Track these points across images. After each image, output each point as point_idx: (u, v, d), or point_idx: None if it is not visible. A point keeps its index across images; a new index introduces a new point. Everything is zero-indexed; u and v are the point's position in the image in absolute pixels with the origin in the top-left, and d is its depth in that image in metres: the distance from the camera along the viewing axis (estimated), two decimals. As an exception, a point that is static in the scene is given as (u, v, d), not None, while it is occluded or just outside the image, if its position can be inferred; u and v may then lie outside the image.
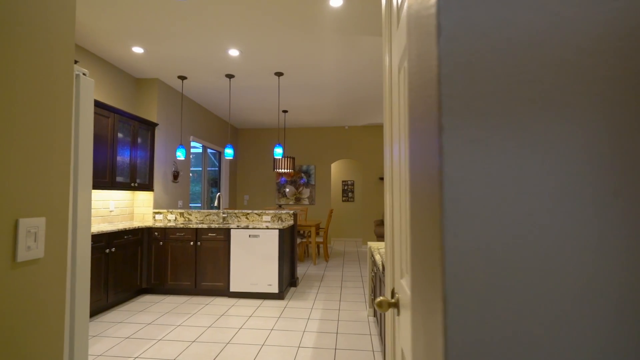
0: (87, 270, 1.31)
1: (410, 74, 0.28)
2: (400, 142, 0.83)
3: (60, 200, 0.99)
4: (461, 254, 0.19)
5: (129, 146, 4.24)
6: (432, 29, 0.21)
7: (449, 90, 0.19)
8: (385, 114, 1.10)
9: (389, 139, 1.02)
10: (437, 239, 0.19)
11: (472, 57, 0.19)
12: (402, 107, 0.80)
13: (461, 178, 0.18)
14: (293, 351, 2.56)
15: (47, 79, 0.92)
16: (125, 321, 3.22)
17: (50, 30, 0.93)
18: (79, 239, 1.28)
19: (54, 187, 0.95)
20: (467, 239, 0.19)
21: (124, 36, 3.58)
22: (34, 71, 0.88)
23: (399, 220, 0.89)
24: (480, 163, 0.19)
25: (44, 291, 0.92)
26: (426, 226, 0.22)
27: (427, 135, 0.22)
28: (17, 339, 0.83)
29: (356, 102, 6.06)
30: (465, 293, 0.19)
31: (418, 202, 0.25)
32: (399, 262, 0.89)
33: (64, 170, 1.01)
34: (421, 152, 0.24)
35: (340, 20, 3.22)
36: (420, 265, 0.25)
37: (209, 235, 4.09)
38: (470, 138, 0.19)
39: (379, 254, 2.75)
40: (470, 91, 0.19)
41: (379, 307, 0.89)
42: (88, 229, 1.32)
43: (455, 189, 0.18)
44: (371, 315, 3.33)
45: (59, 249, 0.98)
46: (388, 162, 1.02)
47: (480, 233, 0.19)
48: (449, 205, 0.18)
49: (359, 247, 7.97)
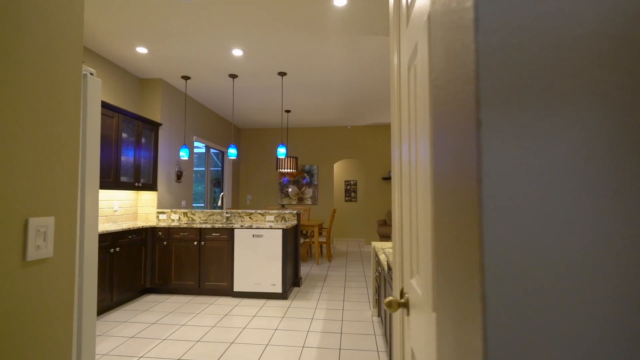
0: (94, 269, 1.31)
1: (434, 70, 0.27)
2: (411, 140, 0.83)
3: (69, 199, 0.99)
4: (501, 253, 0.18)
5: (133, 146, 4.25)
6: (469, 23, 0.20)
7: (487, 85, 0.19)
8: (394, 113, 1.10)
9: (397, 138, 1.01)
10: (473, 238, 0.19)
11: (511, 50, 0.18)
12: (413, 106, 0.80)
13: (500, 174, 0.18)
14: (297, 351, 2.56)
15: (56, 78, 0.92)
16: (129, 320, 3.22)
17: (59, 31, 0.93)
18: (86, 238, 1.29)
19: (62, 186, 0.95)
20: (507, 238, 0.18)
21: (128, 36, 3.59)
22: (43, 71, 0.89)
23: (408, 220, 0.88)
24: (521, 159, 0.18)
25: (53, 290, 0.92)
26: (457, 225, 0.22)
27: (460, 132, 0.21)
28: (26, 338, 0.84)
29: (359, 101, 6.05)
30: (505, 292, 0.18)
31: (445, 201, 0.25)
32: (408, 262, 0.89)
33: (73, 169, 1.01)
34: (450, 150, 0.24)
35: (344, 20, 3.22)
36: (449, 265, 0.25)
37: (213, 235, 4.09)
38: (509, 133, 0.18)
39: (383, 254, 2.75)
40: (509, 85, 0.18)
41: (389, 307, 0.89)
42: (95, 228, 1.33)
43: (495, 185, 0.18)
44: (375, 316, 3.33)
45: (68, 248, 0.98)
46: (397, 162, 1.02)
47: (520, 231, 0.18)
48: (487, 202, 0.18)
49: (361, 247, 7.96)
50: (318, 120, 7.53)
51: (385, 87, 5.27)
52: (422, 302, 0.70)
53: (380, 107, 6.39)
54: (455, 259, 0.23)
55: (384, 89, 5.34)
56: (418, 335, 0.75)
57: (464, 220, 0.21)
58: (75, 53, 0.99)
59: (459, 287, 0.22)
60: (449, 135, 0.25)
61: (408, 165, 0.88)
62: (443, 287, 0.26)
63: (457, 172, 0.22)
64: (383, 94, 5.59)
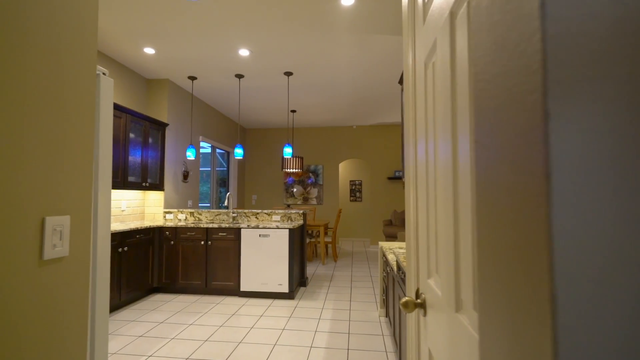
0: (107, 269, 1.32)
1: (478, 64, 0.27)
2: (428, 138, 0.82)
3: (84, 198, 1.00)
4: (572, 250, 0.17)
5: (140, 146, 4.27)
6: (532, 11, 0.19)
7: (556, 75, 0.18)
8: (408, 112, 1.09)
9: (412, 137, 1.00)
10: (539, 235, 0.18)
11: (580, 38, 0.18)
12: (431, 102, 0.79)
13: (571, 168, 0.17)
14: (305, 351, 2.55)
15: (71, 78, 0.93)
16: (138, 319, 3.24)
17: (74, 33, 0.94)
18: (99, 237, 1.29)
19: (77, 185, 0.96)
20: (578, 234, 0.17)
21: (136, 37, 3.61)
22: (59, 72, 0.89)
23: (425, 220, 0.87)
24: (591, 151, 0.17)
25: (68, 290, 0.92)
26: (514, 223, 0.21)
27: (518, 126, 0.21)
28: (43, 338, 0.84)
29: (365, 101, 6.04)
30: (577, 292, 0.17)
31: (495, 199, 0.24)
32: (425, 262, 0.88)
33: (87, 168, 1.01)
34: (503, 144, 0.23)
35: (351, 19, 3.21)
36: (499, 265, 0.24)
37: (220, 234, 4.10)
38: (580, 125, 0.17)
39: (392, 254, 2.73)
40: (579, 75, 0.18)
41: (405, 308, 0.88)
42: (108, 227, 1.33)
43: (565, 179, 0.17)
44: (382, 316, 3.31)
45: (83, 247, 0.99)
46: (411, 160, 1.01)
47: (593, 227, 0.18)
48: (557, 198, 0.17)
49: (367, 247, 7.94)
50: (323, 120, 7.52)
51: (391, 86, 5.25)
52: (442, 303, 0.69)
53: (386, 106, 6.37)
54: (509, 258, 0.22)
55: (391, 88, 5.32)
56: (436, 335, 0.74)
57: (525, 217, 0.20)
58: (89, 55, 0.99)
59: (516, 288, 0.21)
60: (501, 129, 0.24)
61: (425, 163, 0.87)
62: (489, 288, 0.26)
63: (515, 167, 0.21)
64: (389, 93, 5.57)
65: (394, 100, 5.96)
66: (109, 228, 1.36)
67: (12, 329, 0.75)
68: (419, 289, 0.95)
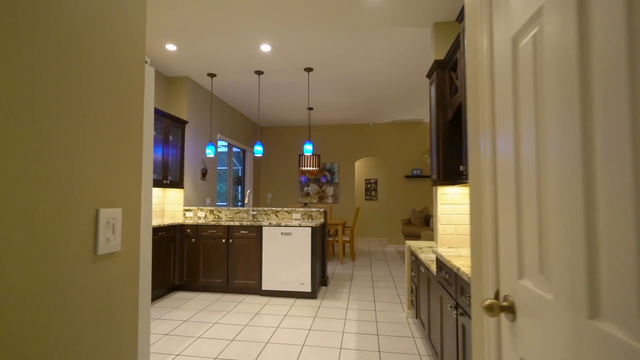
0: (149, 264, 1.27)
1: None
2: (522, 128, 0.73)
3: (134, 191, 0.94)
4: None
5: (161, 144, 4.26)
6: None
7: None
8: (477, 103, 1.00)
9: (488, 130, 0.91)
10: None
11: None
12: (529, 85, 0.70)
13: None
14: (336, 352, 2.48)
15: (124, 71, 0.87)
16: (162, 317, 3.22)
17: (125, 27, 0.88)
18: (143, 232, 1.24)
19: (128, 177, 0.90)
20: None
21: (159, 33, 3.58)
22: (113, 64, 0.83)
23: (514, 218, 0.78)
24: None
25: (121, 287, 0.87)
26: None
27: None
28: (98, 336, 0.78)
29: (384, 97, 5.93)
30: None
31: None
32: (513, 262, 0.79)
33: (137, 160, 0.95)
34: None
35: (377, 11, 3.11)
36: None
37: (241, 232, 4.06)
38: None
39: (432, 252, 2.64)
40: None
41: (489, 311, 0.80)
42: (150, 222, 1.28)
43: None
44: (411, 317, 3.22)
45: (133, 242, 0.93)
46: (487, 156, 0.92)
47: None
48: None
49: (383, 247, 7.82)
50: (340, 118, 7.44)
51: (415, 81, 5.13)
52: (555, 308, 0.61)
53: (407, 103, 6.24)
54: None
55: (414, 82, 5.20)
56: (540, 344, 0.66)
57: None
58: (139, 46, 0.93)
59: None
60: None
61: (513, 158, 0.79)
62: None
63: None
64: (412, 88, 5.45)
65: (417, 95, 5.84)
66: (151, 223, 1.32)
67: (70, 327, 0.70)
68: (499, 290, 0.86)
